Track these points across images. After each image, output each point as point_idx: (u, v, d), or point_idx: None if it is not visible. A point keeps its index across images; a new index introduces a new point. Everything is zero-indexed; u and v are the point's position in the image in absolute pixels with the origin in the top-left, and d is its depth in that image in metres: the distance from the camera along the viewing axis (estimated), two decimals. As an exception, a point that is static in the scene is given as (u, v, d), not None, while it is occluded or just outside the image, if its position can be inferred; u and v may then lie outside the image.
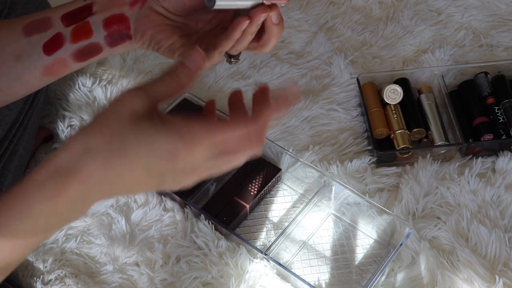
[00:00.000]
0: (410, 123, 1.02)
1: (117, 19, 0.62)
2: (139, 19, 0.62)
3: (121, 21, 0.62)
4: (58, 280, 0.88)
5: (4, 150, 0.89)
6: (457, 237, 0.89)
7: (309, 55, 1.15)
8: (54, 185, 0.47)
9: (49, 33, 0.63)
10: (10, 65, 0.64)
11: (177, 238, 0.91)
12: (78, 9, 0.62)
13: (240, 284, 0.86)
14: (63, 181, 0.47)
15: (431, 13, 1.22)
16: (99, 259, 0.91)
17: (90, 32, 0.62)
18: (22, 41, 0.63)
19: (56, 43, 0.63)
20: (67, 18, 0.62)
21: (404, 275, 0.87)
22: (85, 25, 0.62)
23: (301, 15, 1.21)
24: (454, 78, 1.10)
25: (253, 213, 0.95)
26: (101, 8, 0.62)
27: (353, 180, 0.97)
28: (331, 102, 1.08)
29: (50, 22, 0.62)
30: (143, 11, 0.61)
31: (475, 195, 0.94)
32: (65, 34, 0.63)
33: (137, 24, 0.62)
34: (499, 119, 1.01)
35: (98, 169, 0.47)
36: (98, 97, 1.08)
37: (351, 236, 0.92)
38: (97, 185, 0.48)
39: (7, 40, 0.64)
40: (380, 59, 1.15)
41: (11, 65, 0.64)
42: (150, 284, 0.87)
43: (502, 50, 1.16)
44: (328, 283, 0.88)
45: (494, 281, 0.85)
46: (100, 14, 0.62)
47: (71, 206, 0.48)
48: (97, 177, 0.47)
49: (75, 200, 0.48)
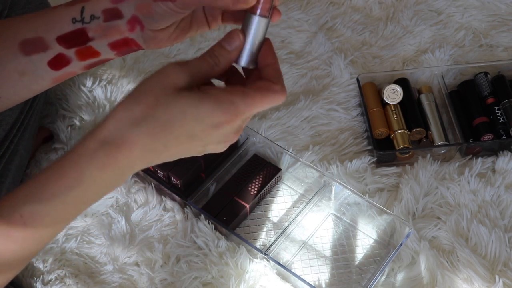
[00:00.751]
0: (410, 123, 1.02)
1: (123, 42, 0.60)
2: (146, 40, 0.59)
3: (128, 43, 0.60)
4: (58, 280, 0.88)
5: (4, 150, 0.89)
6: (457, 237, 0.89)
7: (309, 55, 1.16)
8: (105, 155, 0.49)
9: (49, 53, 0.61)
10: (15, 79, 0.63)
11: (177, 238, 0.91)
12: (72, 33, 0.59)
13: (240, 284, 0.86)
14: (113, 151, 0.49)
15: (431, 13, 1.22)
16: (99, 259, 0.91)
17: (97, 53, 0.61)
18: (21, 59, 0.61)
19: (62, 61, 0.61)
20: (64, 41, 0.60)
21: (404, 275, 0.87)
22: (89, 49, 0.60)
23: (301, 15, 1.21)
24: (454, 78, 1.10)
25: (253, 213, 0.95)
26: (99, 34, 0.59)
27: (353, 180, 0.97)
28: (331, 102, 1.08)
29: (45, 43, 0.60)
30: (146, 33, 0.58)
31: (475, 195, 0.94)
32: (69, 55, 0.60)
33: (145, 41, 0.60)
34: (499, 119, 1.01)
35: (145, 138, 0.49)
36: (98, 97, 1.08)
37: (351, 236, 0.92)
38: (143, 153, 0.50)
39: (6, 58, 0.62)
40: (380, 59, 1.15)
41: (16, 79, 0.63)
42: (150, 284, 0.87)
43: (502, 50, 1.16)
44: (328, 283, 0.88)
45: (494, 281, 0.85)
46: (101, 40, 0.59)
47: (118, 174, 0.51)
48: (144, 146, 0.50)
49: (122, 169, 0.50)
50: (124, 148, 0.49)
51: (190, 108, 0.50)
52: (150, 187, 0.96)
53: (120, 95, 1.09)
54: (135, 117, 0.49)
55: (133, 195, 0.96)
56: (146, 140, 0.50)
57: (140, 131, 0.49)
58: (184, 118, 0.50)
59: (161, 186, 0.95)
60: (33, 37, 0.60)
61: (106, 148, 0.49)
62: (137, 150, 0.50)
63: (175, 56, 1.16)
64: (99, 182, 0.51)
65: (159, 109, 0.49)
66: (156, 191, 0.96)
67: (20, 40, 0.61)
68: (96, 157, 0.49)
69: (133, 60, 1.13)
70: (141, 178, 0.98)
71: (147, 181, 0.97)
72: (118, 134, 0.49)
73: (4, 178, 0.89)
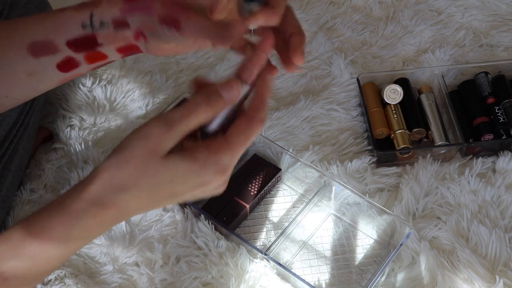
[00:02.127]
0: (410, 123, 1.02)
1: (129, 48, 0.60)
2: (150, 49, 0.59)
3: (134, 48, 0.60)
4: (58, 280, 0.88)
5: (4, 150, 0.89)
6: (457, 237, 0.89)
7: (309, 55, 1.15)
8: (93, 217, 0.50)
9: (58, 56, 0.61)
10: (23, 80, 0.63)
11: (177, 238, 0.91)
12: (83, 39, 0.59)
13: (240, 284, 0.86)
14: (100, 211, 0.50)
15: (431, 13, 1.22)
16: (99, 259, 0.91)
17: (105, 56, 0.61)
18: (30, 61, 0.62)
19: (71, 64, 0.62)
20: (74, 45, 0.60)
21: (404, 275, 0.87)
22: (98, 53, 0.61)
23: (301, 15, 1.21)
24: (454, 78, 1.10)
25: (253, 213, 0.95)
26: (107, 41, 0.59)
27: (353, 180, 0.97)
28: (331, 102, 1.08)
29: (55, 46, 0.60)
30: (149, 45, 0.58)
31: (475, 195, 0.94)
32: (78, 58, 0.61)
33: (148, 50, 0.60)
34: (499, 119, 1.01)
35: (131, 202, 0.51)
36: (98, 97, 1.08)
37: (351, 236, 0.92)
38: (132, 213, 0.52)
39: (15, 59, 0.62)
40: (380, 59, 1.15)
41: (24, 80, 0.63)
42: (150, 284, 0.87)
43: (503, 50, 1.16)
44: (328, 283, 0.88)
45: (494, 281, 0.84)
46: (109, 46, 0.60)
47: (105, 228, 0.53)
48: (131, 209, 0.52)
49: (110, 223, 0.53)
50: (111, 210, 0.50)
51: (177, 177, 0.51)
52: (150, 187, 0.96)
53: (120, 95, 1.09)
54: (120, 183, 0.50)
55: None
56: (133, 203, 0.51)
57: (125, 197, 0.50)
58: (171, 186, 0.51)
59: (161, 186, 0.95)
60: (42, 39, 0.60)
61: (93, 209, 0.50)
62: (125, 212, 0.52)
63: (175, 56, 1.16)
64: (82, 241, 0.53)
65: (145, 177, 0.50)
66: (156, 191, 0.96)
67: (29, 42, 0.61)
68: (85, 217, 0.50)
69: (132, 60, 1.13)
70: (141, 178, 0.97)
71: (147, 181, 0.97)
72: (103, 197, 0.50)
73: (4, 178, 0.89)
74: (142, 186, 0.50)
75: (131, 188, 0.50)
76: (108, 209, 0.50)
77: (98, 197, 0.50)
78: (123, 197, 0.50)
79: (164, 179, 0.50)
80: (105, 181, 0.50)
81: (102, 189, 0.50)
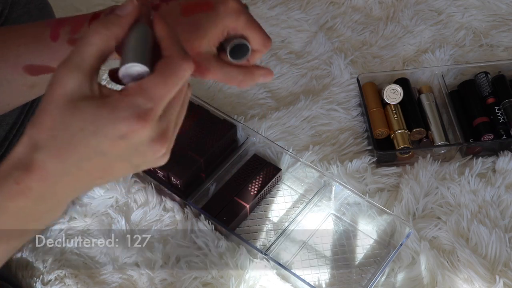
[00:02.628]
0: (410, 123, 1.02)
1: None
2: None
3: None
4: (58, 280, 0.88)
5: (4, 150, 0.89)
6: (457, 237, 0.89)
7: (309, 55, 1.15)
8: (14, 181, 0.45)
9: None
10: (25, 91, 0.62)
11: (177, 238, 0.91)
12: None
13: (240, 284, 0.86)
14: (22, 176, 0.45)
15: (431, 13, 1.22)
16: (99, 259, 0.91)
17: None
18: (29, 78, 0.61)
19: None
20: None
21: (404, 275, 0.87)
22: None
23: (301, 15, 1.21)
24: (454, 78, 1.10)
25: (253, 213, 0.95)
26: None
27: (353, 180, 0.97)
28: (331, 102, 1.08)
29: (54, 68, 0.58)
30: None
31: (475, 195, 0.94)
32: None
33: None
34: (499, 119, 1.01)
35: (51, 162, 0.45)
36: (98, 97, 1.08)
37: (351, 236, 0.92)
38: (58, 178, 0.46)
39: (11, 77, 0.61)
40: (380, 59, 1.15)
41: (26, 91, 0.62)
42: (150, 284, 0.87)
43: (502, 50, 1.16)
44: (328, 283, 0.88)
45: (494, 281, 0.84)
46: None
47: (41, 202, 0.46)
48: (54, 170, 0.45)
49: (42, 196, 0.46)
50: (32, 172, 0.45)
51: (87, 125, 0.44)
52: (150, 187, 0.96)
53: (120, 95, 1.09)
54: (33, 142, 0.45)
55: (133, 195, 0.96)
56: (53, 163, 0.45)
57: (42, 155, 0.45)
58: (84, 136, 0.44)
59: (161, 186, 0.95)
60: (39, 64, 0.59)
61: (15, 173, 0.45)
62: (49, 175, 0.45)
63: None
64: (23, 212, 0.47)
65: (57, 128, 0.44)
66: (156, 191, 0.96)
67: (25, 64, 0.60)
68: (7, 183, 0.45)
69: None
70: (141, 178, 0.97)
71: (147, 181, 0.97)
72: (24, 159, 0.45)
73: (4, 178, 0.88)
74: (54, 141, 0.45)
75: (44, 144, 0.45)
76: (30, 173, 0.45)
77: (19, 158, 0.45)
78: (40, 157, 0.45)
79: (72, 127, 0.44)
80: (25, 141, 0.45)
81: (22, 150, 0.45)
